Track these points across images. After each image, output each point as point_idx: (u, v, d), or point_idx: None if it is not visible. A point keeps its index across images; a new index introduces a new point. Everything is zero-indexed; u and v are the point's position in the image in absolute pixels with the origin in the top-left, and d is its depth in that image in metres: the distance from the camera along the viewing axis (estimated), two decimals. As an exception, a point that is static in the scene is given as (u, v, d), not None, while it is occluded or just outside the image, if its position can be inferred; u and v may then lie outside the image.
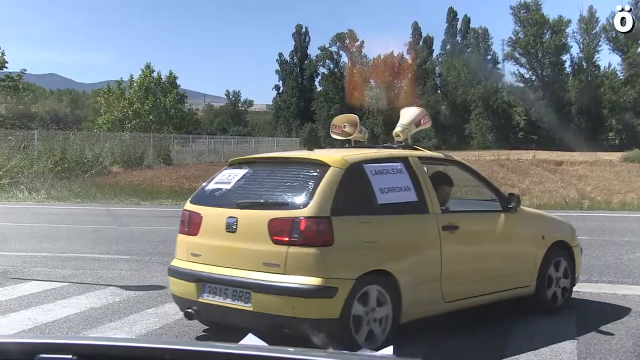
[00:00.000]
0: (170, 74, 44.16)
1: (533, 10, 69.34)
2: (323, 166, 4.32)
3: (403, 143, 5.30)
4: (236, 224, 4.28)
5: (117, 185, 19.46)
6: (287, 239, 4.09)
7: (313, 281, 4.01)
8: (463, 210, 5.27)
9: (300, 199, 4.21)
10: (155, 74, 42.88)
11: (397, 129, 5.43)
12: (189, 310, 4.44)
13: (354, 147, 5.32)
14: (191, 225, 4.62)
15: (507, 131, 66.82)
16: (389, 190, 4.44)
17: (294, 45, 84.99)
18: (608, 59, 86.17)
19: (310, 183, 4.26)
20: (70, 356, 1.17)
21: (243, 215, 4.30)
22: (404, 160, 4.71)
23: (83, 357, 1.17)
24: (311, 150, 5.06)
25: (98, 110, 45.25)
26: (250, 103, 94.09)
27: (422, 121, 5.61)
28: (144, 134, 34.94)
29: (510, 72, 75.17)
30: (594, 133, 62.92)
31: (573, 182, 20.98)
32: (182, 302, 4.58)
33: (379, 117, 73.90)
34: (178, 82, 44.76)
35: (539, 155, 38.96)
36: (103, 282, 6.68)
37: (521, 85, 72.54)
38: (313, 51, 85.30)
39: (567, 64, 71.25)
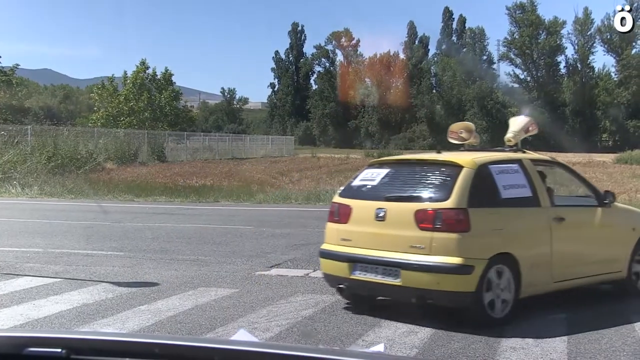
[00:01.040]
0: (166, 70, 44.06)
1: (529, 11, 69.50)
2: (457, 167, 5.15)
3: (514, 147, 6.09)
4: (385, 214, 5.10)
5: (110, 182, 19.40)
6: (431, 226, 4.90)
7: (455, 260, 4.82)
8: (567, 204, 6.04)
9: (441, 193, 5.04)
10: (150, 71, 42.73)
11: (509, 135, 6.23)
12: (341, 286, 5.32)
13: (469, 150, 6.15)
14: (341, 215, 5.45)
15: (502, 132, 66.68)
16: (509, 187, 5.27)
17: (290, 43, 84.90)
18: (602, 60, 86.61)
19: (448, 180, 5.10)
20: (59, 350, 1.16)
21: (391, 206, 5.13)
22: (519, 161, 5.56)
23: (72, 351, 1.16)
24: (439, 152, 5.80)
25: (92, 106, 45.07)
26: (245, 101, 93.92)
27: (530, 128, 6.38)
28: (139, 130, 34.82)
29: (505, 72, 75.32)
30: (588, 134, 63.16)
31: (566, 183, 21.03)
32: (334, 279, 5.44)
33: (374, 115, 73.95)
34: (173, 79, 44.64)
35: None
36: (96, 279, 6.66)
37: (516, 85, 72.76)
38: (309, 49, 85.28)
39: (562, 65, 71.53)
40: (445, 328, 4.92)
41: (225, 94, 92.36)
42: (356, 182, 5.63)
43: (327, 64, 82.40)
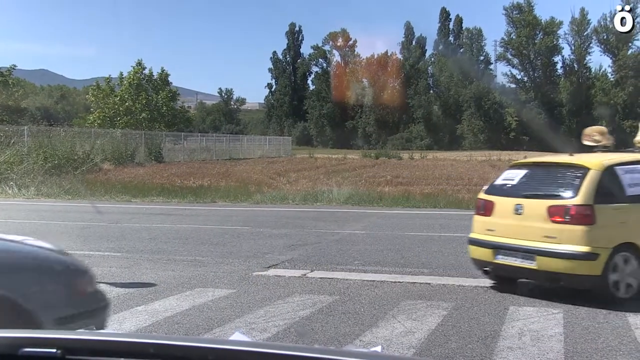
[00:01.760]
0: (163, 71, 43.96)
1: (525, 12, 69.68)
2: (585, 168, 5.93)
3: None
4: (522, 209, 6.02)
5: (107, 182, 19.36)
6: (562, 219, 5.75)
7: (583, 249, 5.64)
8: None
9: (570, 192, 5.86)
10: (146, 71, 42.64)
11: (638, 137, 7.02)
12: (487, 269, 6.35)
13: (602, 151, 6.75)
14: (486, 209, 6.42)
15: (499, 132, 67.11)
16: (634, 185, 6.02)
17: (287, 43, 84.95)
18: (599, 61, 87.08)
19: (576, 180, 5.90)
20: (54, 350, 1.16)
21: (528, 203, 6.03)
22: None
23: (67, 351, 1.16)
24: (571, 155, 6.51)
25: (88, 106, 44.98)
26: (242, 101, 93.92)
27: None
28: (136, 131, 34.75)
29: (502, 72, 75.65)
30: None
31: None
32: (480, 263, 6.41)
33: (371, 115, 74.00)
34: (170, 79, 44.55)
35: (530, 156, 39.11)
36: (92, 279, 6.64)
37: (513, 86, 72.92)
38: (306, 50, 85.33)
39: (559, 65, 71.80)
40: (443, 328, 4.93)
41: (223, 94, 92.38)
42: (499, 181, 6.64)
43: (325, 65, 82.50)
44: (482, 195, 6.63)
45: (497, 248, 6.14)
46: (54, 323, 3.06)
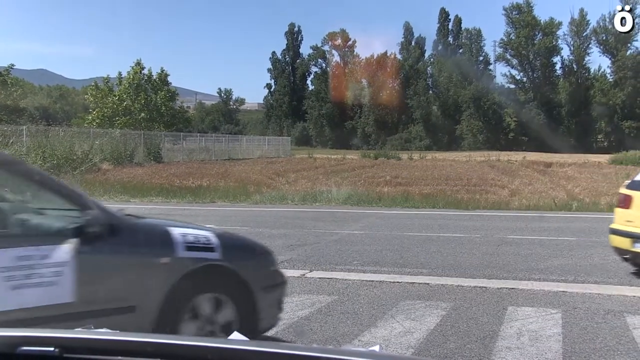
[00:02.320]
0: (162, 71, 43.96)
1: (525, 12, 69.76)
2: None
3: None
4: None
5: (106, 182, 19.36)
6: None
7: None
8: None
9: None
10: (146, 71, 42.65)
11: None
12: (626, 256, 6.90)
13: None
14: (626, 202, 6.97)
15: (498, 132, 67.18)
16: None
17: (287, 44, 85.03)
18: (598, 61, 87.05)
19: None
20: (52, 349, 1.17)
21: None
22: None
23: (65, 350, 1.17)
24: None
25: (87, 106, 44.99)
26: (241, 101, 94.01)
27: None
28: (135, 131, 34.74)
29: (502, 73, 75.74)
30: (583, 135, 63.39)
31: (562, 183, 21.16)
32: (620, 251, 6.98)
33: (370, 116, 74.05)
34: (169, 79, 44.56)
35: (529, 157, 39.17)
36: (91, 279, 6.63)
37: (512, 86, 72.98)
38: (306, 50, 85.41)
39: (558, 66, 71.86)
40: (441, 328, 4.93)
41: (222, 94, 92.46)
42: (638, 178, 7.25)
43: (324, 65, 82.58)
44: (622, 190, 7.28)
45: (635, 237, 6.65)
46: (261, 291, 3.79)
